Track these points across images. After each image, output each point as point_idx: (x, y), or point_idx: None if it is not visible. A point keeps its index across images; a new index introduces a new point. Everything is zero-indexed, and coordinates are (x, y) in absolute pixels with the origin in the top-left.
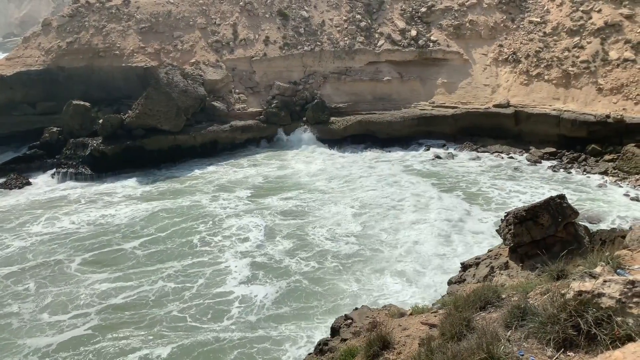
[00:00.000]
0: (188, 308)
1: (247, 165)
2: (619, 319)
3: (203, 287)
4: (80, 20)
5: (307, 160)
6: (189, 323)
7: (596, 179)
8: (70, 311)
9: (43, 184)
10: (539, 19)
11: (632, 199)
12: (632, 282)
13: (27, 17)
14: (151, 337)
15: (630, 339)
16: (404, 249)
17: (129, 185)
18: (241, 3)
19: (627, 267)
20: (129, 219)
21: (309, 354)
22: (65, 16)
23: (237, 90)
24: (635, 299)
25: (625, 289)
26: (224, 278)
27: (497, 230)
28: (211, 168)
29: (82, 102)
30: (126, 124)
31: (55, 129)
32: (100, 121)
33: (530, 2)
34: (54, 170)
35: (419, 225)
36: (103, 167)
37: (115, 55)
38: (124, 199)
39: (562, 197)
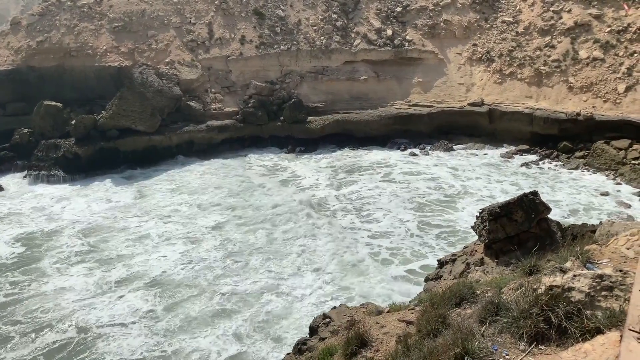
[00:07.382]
0: None
1: (213, 170)
2: (588, 312)
3: None
4: (51, 19)
5: (286, 163)
6: None
7: (567, 174)
8: None
9: (14, 185)
10: (511, 19)
11: (601, 194)
12: (601, 276)
13: None
14: None
15: (599, 331)
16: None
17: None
18: (216, 2)
19: (596, 261)
20: None
21: (288, 354)
22: (35, 15)
23: (213, 90)
24: (603, 293)
25: (594, 283)
26: None
27: (472, 227)
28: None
29: (53, 103)
30: (100, 125)
31: (26, 131)
32: (73, 122)
33: (503, 2)
34: (25, 172)
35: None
36: (76, 169)
37: (87, 54)
38: None
39: (534, 193)
